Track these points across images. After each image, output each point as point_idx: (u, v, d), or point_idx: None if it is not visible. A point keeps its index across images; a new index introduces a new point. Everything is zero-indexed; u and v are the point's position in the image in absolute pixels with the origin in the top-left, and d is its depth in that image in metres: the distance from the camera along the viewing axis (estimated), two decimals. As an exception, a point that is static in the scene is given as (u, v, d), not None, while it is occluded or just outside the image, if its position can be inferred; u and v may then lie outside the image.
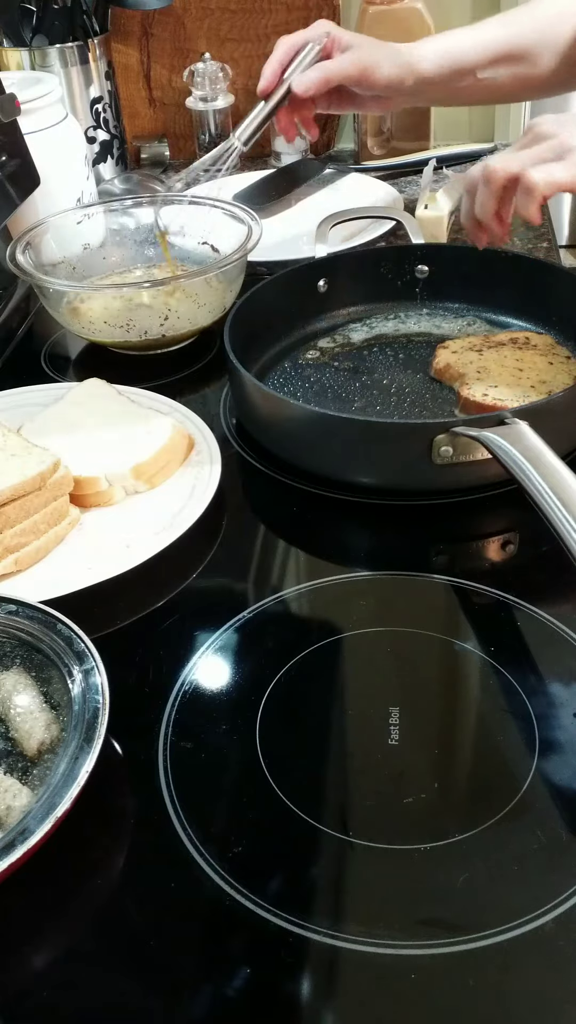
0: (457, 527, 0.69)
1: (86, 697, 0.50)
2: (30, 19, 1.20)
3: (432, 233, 1.04)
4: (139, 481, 0.71)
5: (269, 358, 0.87)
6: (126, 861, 0.48)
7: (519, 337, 0.83)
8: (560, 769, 0.50)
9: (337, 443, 0.69)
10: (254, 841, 0.48)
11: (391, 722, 0.53)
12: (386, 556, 0.68)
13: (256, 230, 0.89)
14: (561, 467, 0.56)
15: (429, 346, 0.85)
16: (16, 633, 0.54)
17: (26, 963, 0.44)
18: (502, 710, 0.54)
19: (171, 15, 1.32)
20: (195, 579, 0.65)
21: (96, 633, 0.55)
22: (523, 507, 0.56)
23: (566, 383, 0.76)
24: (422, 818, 0.48)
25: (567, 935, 0.43)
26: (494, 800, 0.49)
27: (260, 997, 0.42)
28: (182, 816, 0.49)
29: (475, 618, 0.61)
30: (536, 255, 1.06)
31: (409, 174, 1.28)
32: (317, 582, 0.64)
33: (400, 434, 0.67)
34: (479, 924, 0.43)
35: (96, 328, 0.89)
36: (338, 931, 0.44)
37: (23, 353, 0.97)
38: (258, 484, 0.75)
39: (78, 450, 0.72)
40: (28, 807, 0.45)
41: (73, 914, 0.46)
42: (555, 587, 0.62)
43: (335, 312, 0.91)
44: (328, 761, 0.52)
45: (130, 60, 1.36)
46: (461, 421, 0.66)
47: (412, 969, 0.42)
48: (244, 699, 0.56)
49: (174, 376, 0.89)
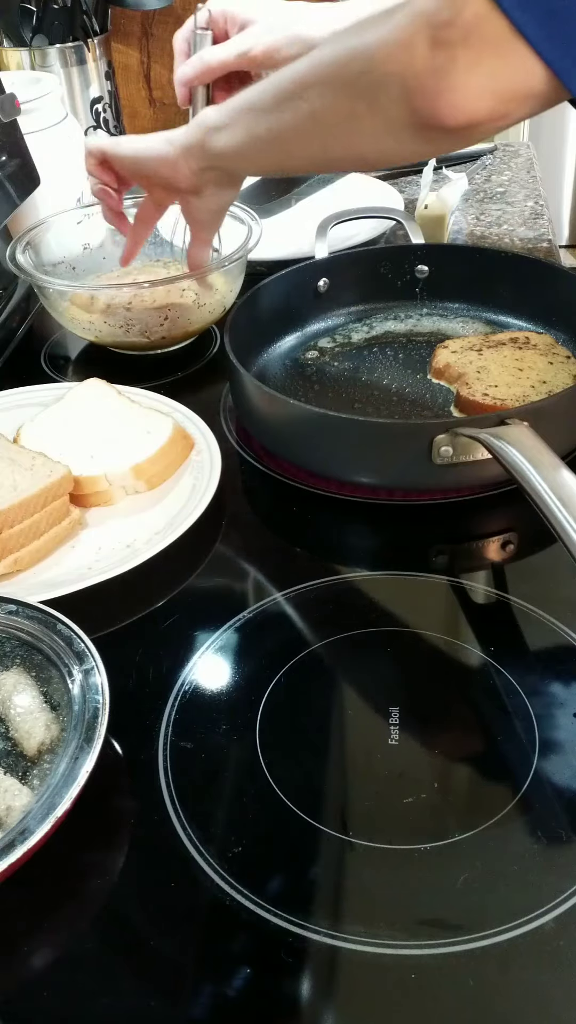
0: (457, 527, 0.69)
1: (86, 697, 0.50)
2: (30, 19, 1.20)
3: (432, 233, 1.04)
4: (139, 481, 0.71)
5: (269, 358, 0.87)
6: (126, 861, 0.48)
7: (519, 337, 0.83)
8: (560, 769, 0.50)
9: (337, 443, 0.69)
10: (254, 841, 0.48)
11: (391, 722, 0.53)
12: (386, 556, 0.68)
13: (256, 230, 0.89)
14: (561, 467, 0.56)
15: (429, 346, 0.85)
16: (16, 633, 0.54)
17: (26, 963, 0.44)
18: (502, 710, 0.54)
19: (171, 15, 1.32)
20: (195, 579, 0.65)
21: (96, 633, 0.55)
22: (523, 507, 0.56)
23: (566, 383, 0.76)
24: (422, 818, 0.49)
25: (567, 935, 0.43)
26: (494, 800, 0.49)
27: (260, 997, 0.42)
28: (182, 816, 0.49)
29: (475, 618, 0.61)
30: (536, 255, 1.06)
31: (409, 174, 1.28)
32: (317, 582, 0.64)
33: (400, 434, 0.67)
34: (479, 924, 0.43)
35: (96, 328, 0.89)
36: (338, 931, 0.44)
37: (23, 353, 0.97)
38: (258, 484, 0.75)
39: (78, 450, 0.72)
40: (28, 807, 0.45)
41: (73, 914, 0.46)
42: (555, 587, 0.62)
43: (335, 312, 0.91)
44: (328, 761, 0.52)
45: (130, 60, 1.36)
46: (461, 421, 0.66)
47: (412, 969, 0.42)
48: (244, 699, 0.56)
49: (174, 376, 0.89)
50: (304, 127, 0.60)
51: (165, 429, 0.73)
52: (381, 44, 0.52)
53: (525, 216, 1.17)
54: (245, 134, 0.66)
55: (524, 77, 0.48)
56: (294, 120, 0.60)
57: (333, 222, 0.92)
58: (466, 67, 0.48)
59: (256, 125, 0.64)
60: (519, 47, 0.47)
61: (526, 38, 0.46)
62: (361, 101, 0.55)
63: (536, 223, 1.15)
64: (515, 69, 0.48)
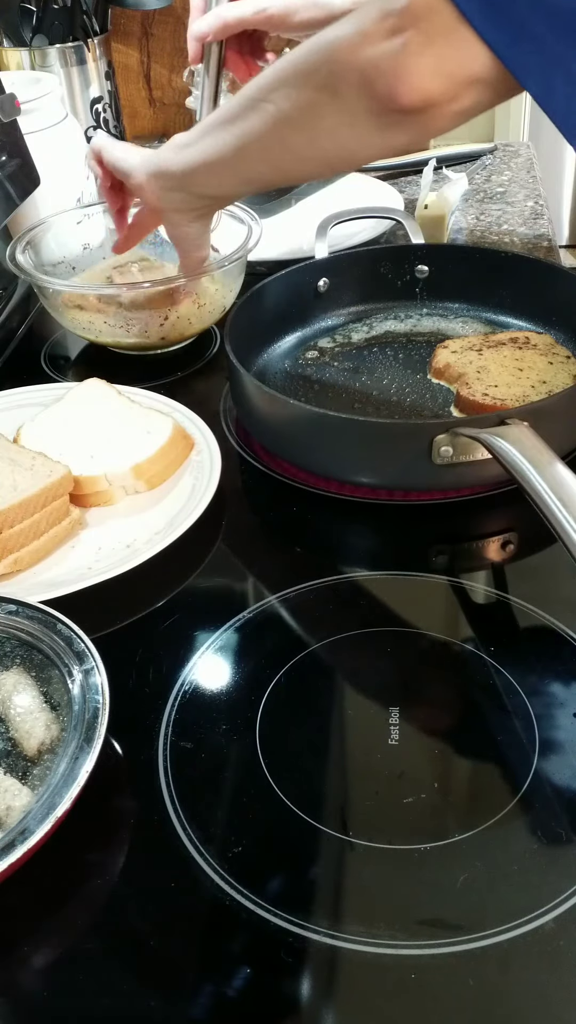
0: (457, 527, 0.69)
1: (86, 697, 0.50)
2: (30, 19, 1.20)
3: (432, 233, 1.04)
4: (139, 481, 0.71)
5: (269, 358, 0.87)
6: (126, 861, 0.48)
7: (519, 337, 0.83)
8: (560, 769, 0.50)
9: (337, 443, 0.69)
10: (254, 841, 0.48)
11: (391, 722, 0.53)
12: (386, 556, 0.68)
13: (256, 230, 0.89)
14: (561, 467, 0.56)
15: (429, 346, 0.85)
16: (16, 633, 0.54)
17: (26, 963, 0.44)
18: (502, 710, 0.54)
19: (171, 15, 1.32)
20: (195, 579, 0.65)
21: (96, 633, 0.55)
22: (523, 507, 0.56)
23: (566, 383, 0.76)
24: (422, 818, 0.49)
25: (567, 935, 0.43)
26: (494, 800, 0.49)
27: (260, 997, 0.42)
28: (182, 816, 0.49)
29: (475, 618, 0.61)
30: (536, 255, 1.06)
31: (409, 174, 1.28)
32: (317, 582, 0.64)
33: (400, 434, 0.67)
34: (479, 924, 0.43)
35: (96, 328, 0.89)
36: (338, 931, 0.44)
37: (23, 353, 0.97)
38: (258, 484, 0.75)
39: (78, 450, 0.72)
40: (28, 807, 0.45)
41: (73, 914, 0.46)
42: (555, 587, 0.62)
43: (335, 312, 0.91)
44: (328, 761, 0.52)
45: (130, 60, 1.36)
46: (461, 421, 0.66)
47: (412, 969, 0.42)
48: (244, 699, 0.56)
49: (174, 376, 0.89)
50: (269, 130, 0.61)
51: (165, 429, 0.73)
52: (341, 36, 0.55)
53: (525, 216, 1.17)
54: (210, 147, 0.66)
55: (471, 61, 0.51)
56: (260, 124, 0.61)
57: (333, 222, 0.92)
58: (418, 50, 0.51)
59: (221, 137, 0.65)
60: (465, 32, 0.50)
61: (471, 24, 0.50)
62: (323, 93, 0.57)
63: (536, 223, 1.15)
64: (463, 53, 0.51)
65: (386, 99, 0.53)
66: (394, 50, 0.52)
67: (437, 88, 0.52)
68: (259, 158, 0.64)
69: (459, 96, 0.53)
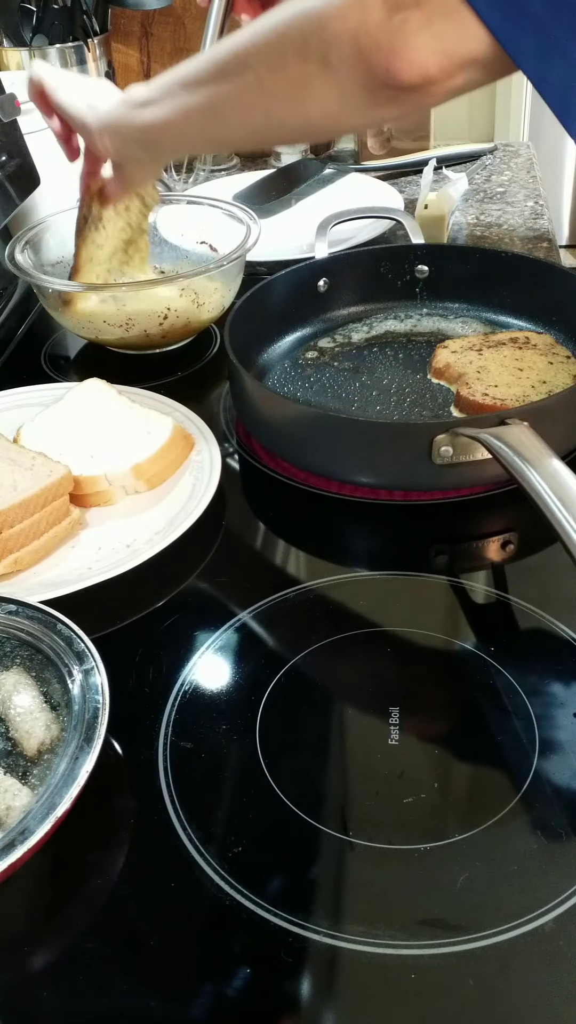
0: (457, 527, 0.69)
1: (86, 697, 0.50)
2: (30, 19, 1.20)
3: (432, 233, 1.04)
4: (139, 481, 0.71)
5: (269, 358, 0.87)
6: (126, 861, 0.48)
7: (519, 337, 0.83)
8: (560, 769, 0.50)
9: (337, 443, 0.69)
10: (254, 841, 0.48)
11: (391, 722, 0.53)
12: (386, 556, 0.68)
13: (255, 230, 0.89)
14: (561, 467, 0.56)
15: (429, 346, 0.85)
16: (16, 633, 0.54)
17: (26, 963, 0.44)
18: (502, 710, 0.54)
19: (171, 15, 1.32)
20: (195, 579, 0.65)
21: (96, 633, 0.55)
22: (523, 507, 0.56)
23: (566, 383, 0.76)
24: (422, 818, 0.49)
25: (567, 935, 0.43)
26: (494, 800, 0.49)
27: (260, 997, 0.42)
28: (182, 816, 0.49)
29: (475, 618, 0.61)
30: (536, 255, 1.06)
31: (409, 174, 1.28)
32: (317, 582, 0.64)
33: (400, 434, 0.67)
34: (479, 924, 0.43)
35: (96, 328, 0.89)
36: (338, 931, 0.44)
37: (23, 353, 0.97)
38: (258, 484, 0.75)
39: (78, 450, 0.72)
40: (28, 807, 0.45)
41: (73, 914, 0.46)
42: (555, 587, 0.62)
43: (335, 312, 0.91)
44: (328, 761, 0.52)
45: (130, 60, 1.36)
46: (461, 421, 0.66)
47: (412, 969, 0.42)
48: (244, 699, 0.56)
49: (174, 376, 0.89)
50: (248, 95, 0.60)
51: (165, 429, 0.73)
52: (334, 5, 0.53)
53: (525, 216, 1.17)
54: (176, 108, 0.65)
55: (470, 41, 0.51)
56: (238, 89, 0.60)
57: (333, 222, 0.93)
58: (418, 27, 0.51)
59: (191, 98, 0.63)
60: (466, 13, 0.50)
61: (471, 5, 0.50)
62: (312, 62, 0.55)
63: (536, 223, 1.15)
64: (462, 32, 0.51)
65: (383, 75, 0.53)
66: (394, 26, 0.51)
67: (435, 67, 0.52)
68: (237, 124, 0.63)
69: (455, 75, 0.52)
